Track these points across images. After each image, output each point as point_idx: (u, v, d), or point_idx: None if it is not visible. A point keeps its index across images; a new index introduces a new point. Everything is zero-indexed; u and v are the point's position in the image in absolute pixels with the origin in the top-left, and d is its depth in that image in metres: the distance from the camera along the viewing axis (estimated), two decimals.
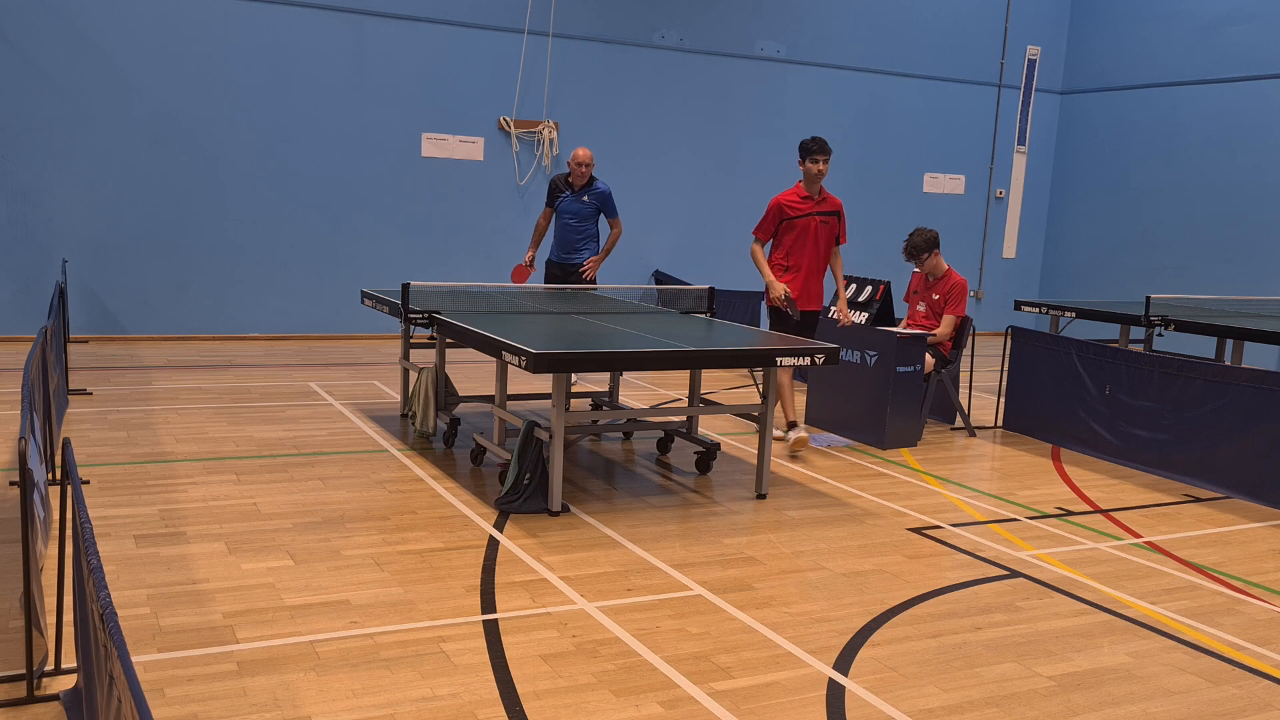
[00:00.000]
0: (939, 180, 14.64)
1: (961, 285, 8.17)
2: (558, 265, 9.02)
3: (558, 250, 8.99)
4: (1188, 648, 4.41)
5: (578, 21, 12.20)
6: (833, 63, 13.65)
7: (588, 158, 8.69)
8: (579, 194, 8.78)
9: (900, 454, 7.60)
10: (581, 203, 8.79)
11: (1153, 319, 9.00)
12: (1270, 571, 5.44)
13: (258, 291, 11.20)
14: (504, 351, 5.68)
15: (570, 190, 8.81)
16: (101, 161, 10.45)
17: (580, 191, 8.79)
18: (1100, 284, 14.35)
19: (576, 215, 8.81)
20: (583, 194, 8.79)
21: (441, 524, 5.48)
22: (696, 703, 3.70)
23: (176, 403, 7.97)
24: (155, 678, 3.64)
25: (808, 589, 4.85)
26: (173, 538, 5.05)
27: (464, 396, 7.55)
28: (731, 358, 6.25)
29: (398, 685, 3.71)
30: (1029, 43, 14.84)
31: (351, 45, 11.26)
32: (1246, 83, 12.84)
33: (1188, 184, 13.49)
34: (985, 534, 5.81)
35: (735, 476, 6.74)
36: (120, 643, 2.13)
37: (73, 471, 3.27)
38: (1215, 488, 6.94)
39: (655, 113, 12.74)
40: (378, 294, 7.71)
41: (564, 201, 8.83)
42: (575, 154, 8.71)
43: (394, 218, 11.66)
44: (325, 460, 6.58)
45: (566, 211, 8.82)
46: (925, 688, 3.91)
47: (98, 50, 10.31)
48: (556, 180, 8.96)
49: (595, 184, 8.82)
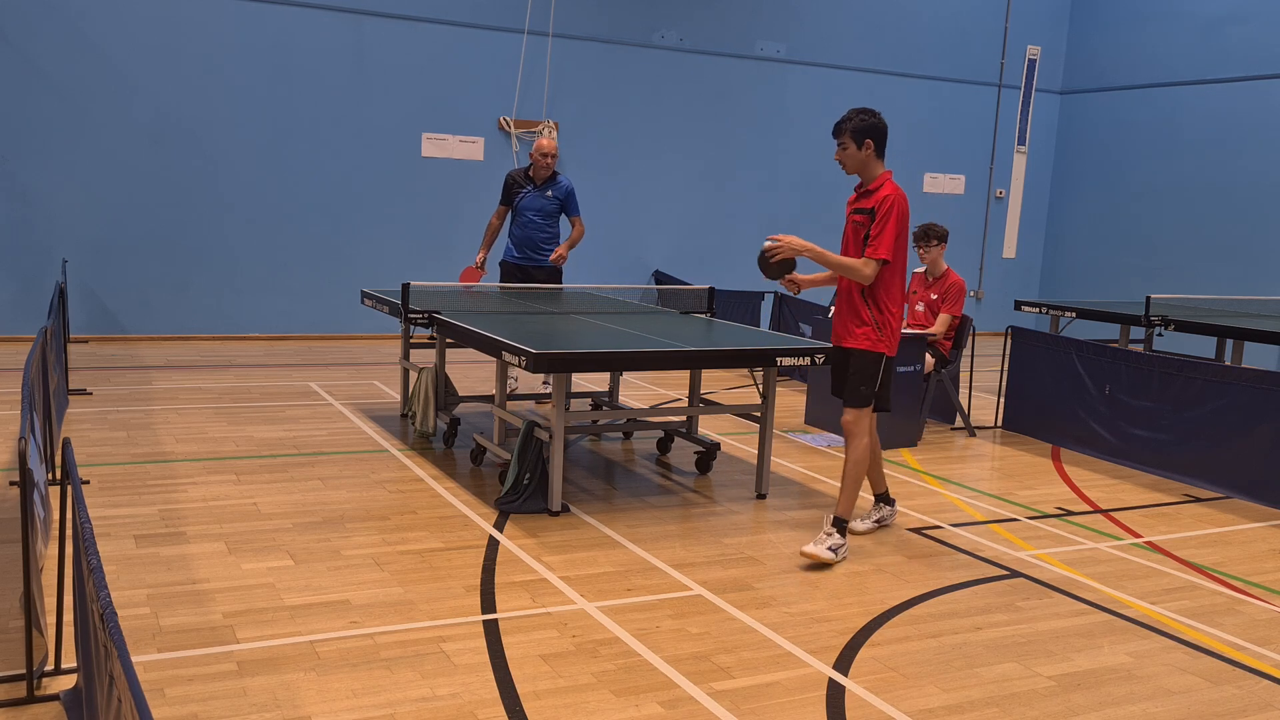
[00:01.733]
0: (939, 180, 14.64)
1: (960, 285, 8.17)
2: (517, 266, 8.33)
3: (517, 250, 8.31)
4: (1188, 648, 4.41)
5: (578, 21, 12.20)
6: (833, 63, 13.65)
7: (552, 148, 8.10)
8: (542, 189, 8.22)
9: (900, 454, 7.59)
10: (545, 198, 8.20)
11: (1153, 319, 9.00)
12: (1270, 571, 5.44)
13: (258, 291, 11.20)
14: (504, 351, 5.68)
15: (531, 185, 8.22)
16: (101, 161, 10.45)
17: (543, 186, 8.21)
18: (1100, 284, 14.35)
19: (540, 212, 8.21)
20: (546, 189, 8.20)
21: (441, 524, 5.48)
22: (696, 703, 3.70)
23: (176, 403, 7.97)
24: (155, 678, 3.64)
25: (808, 589, 4.85)
26: (173, 538, 5.05)
27: (464, 396, 7.54)
28: (731, 358, 6.24)
29: (398, 685, 3.71)
30: (1029, 43, 14.84)
31: (351, 45, 11.26)
32: (1246, 83, 12.84)
33: (1188, 184, 13.49)
34: (985, 534, 5.81)
35: (735, 476, 6.74)
36: (120, 643, 2.13)
37: (73, 471, 3.27)
38: (1215, 488, 6.94)
39: (655, 113, 12.74)
40: (378, 294, 7.71)
41: (524, 198, 8.21)
42: (539, 144, 8.08)
43: (394, 218, 11.66)
44: (325, 460, 6.58)
45: (529, 209, 8.19)
46: (925, 688, 3.91)
47: (98, 50, 10.30)
48: (514, 174, 8.31)
49: (558, 178, 8.25)
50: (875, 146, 5.19)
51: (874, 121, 5.17)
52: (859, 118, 5.15)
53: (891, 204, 5.09)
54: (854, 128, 5.14)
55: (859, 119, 5.15)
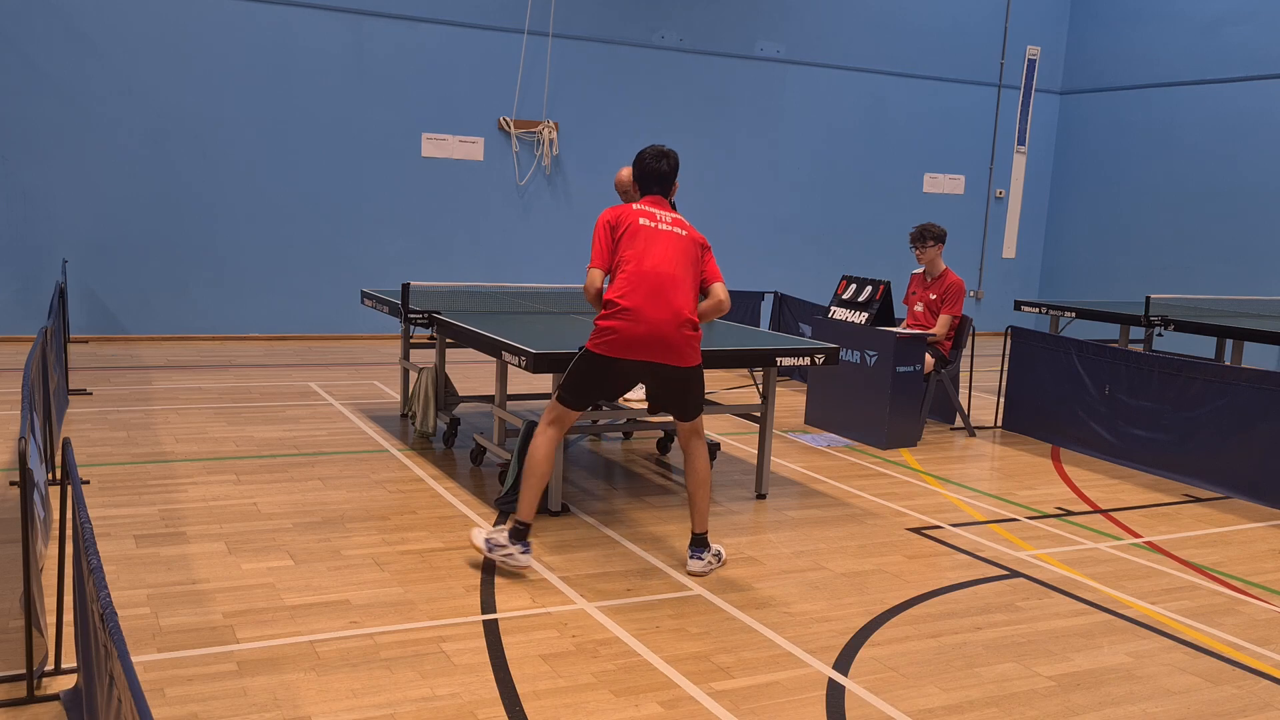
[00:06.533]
0: (939, 180, 14.64)
1: (958, 285, 8.17)
2: None
3: None
4: (1187, 648, 4.41)
5: (578, 21, 12.20)
6: (832, 63, 13.65)
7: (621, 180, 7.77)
8: None
9: (900, 454, 7.60)
10: None
11: (1153, 319, 9.00)
12: (1270, 571, 5.44)
13: (258, 291, 11.20)
14: (504, 351, 5.68)
15: None
16: (101, 161, 10.45)
17: None
18: (1100, 284, 14.35)
19: None
20: None
21: (441, 524, 5.48)
22: (696, 703, 3.70)
23: (176, 403, 7.97)
24: (155, 678, 3.64)
25: (808, 589, 4.85)
26: (173, 538, 5.05)
27: (464, 396, 7.54)
28: (731, 358, 6.24)
29: (398, 685, 3.71)
30: (1029, 43, 14.84)
31: (351, 45, 11.26)
32: (1245, 83, 12.84)
33: (1187, 184, 13.49)
34: (985, 534, 5.81)
35: (735, 476, 6.74)
36: (120, 643, 2.13)
37: (73, 471, 3.27)
38: (1215, 488, 6.94)
39: (655, 113, 12.74)
40: (378, 294, 7.71)
41: None
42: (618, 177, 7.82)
43: (394, 218, 11.66)
44: (325, 460, 6.58)
45: None
46: (925, 688, 3.91)
47: (98, 50, 10.31)
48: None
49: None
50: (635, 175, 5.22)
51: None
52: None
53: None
54: None
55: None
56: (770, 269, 13.15)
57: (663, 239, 4.91)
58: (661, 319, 4.75)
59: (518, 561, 4.77)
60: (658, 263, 4.83)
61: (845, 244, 14.01)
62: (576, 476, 6.53)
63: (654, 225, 4.95)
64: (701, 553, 4.95)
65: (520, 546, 4.77)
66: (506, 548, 4.76)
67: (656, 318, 4.75)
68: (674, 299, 4.79)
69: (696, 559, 4.94)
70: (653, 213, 5.01)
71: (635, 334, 4.75)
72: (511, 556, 4.77)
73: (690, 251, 4.95)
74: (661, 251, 4.86)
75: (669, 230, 4.95)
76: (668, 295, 4.78)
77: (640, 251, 4.85)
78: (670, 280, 4.81)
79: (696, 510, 4.97)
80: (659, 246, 4.88)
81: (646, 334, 4.75)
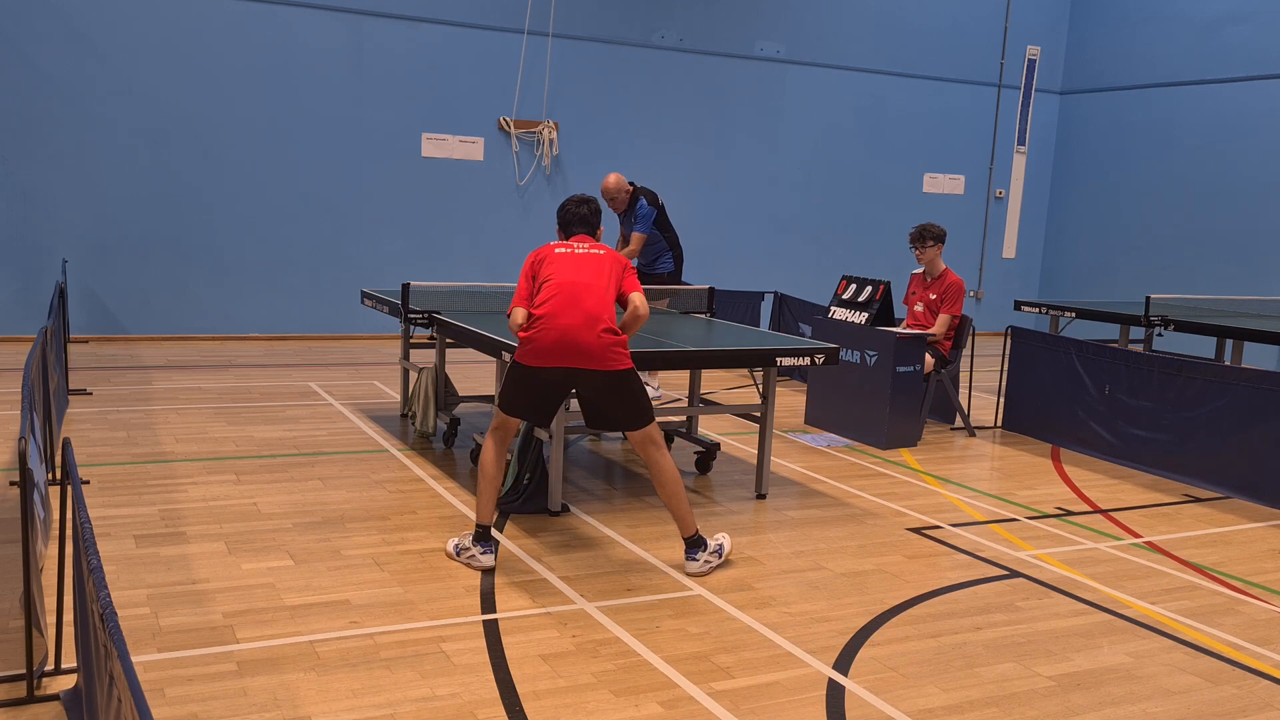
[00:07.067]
0: (939, 180, 14.64)
1: (958, 285, 8.17)
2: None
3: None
4: (1187, 648, 4.41)
5: (578, 21, 12.20)
6: (832, 63, 13.65)
7: (612, 186, 8.45)
8: (626, 218, 8.63)
9: (900, 454, 7.60)
10: (631, 225, 8.65)
11: (1153, 319, 9.00)
12: (1270, 571, 5.44)
13: (258, 291, 11.20)
14: (504, 351, 5.68)
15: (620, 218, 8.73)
16: (101, 161, 10.45)
17: (626, 215, 8.62)
18: (1100, 284, 14.35)
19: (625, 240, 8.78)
20: (630, 217, 8.60)
21: (441, 524, 5.48)
22: (696, 703, 3.70)
23: (176, 403, 7.97)
24: (155, 678, 3.64)
25: (808, 589, 4.85)
26: (173, 538, 5.05)
27: (464, 396, 7.55)
28: (731, 358, 6.25)
29: (398, 685, 3.71)
30: (1029, 43, 14.84)
31: (351, 45, 11.26)
32: (1245, 83, 12.84)
33: (1187, 184, 13.49)
34: (985, 534, 5.81)
35: (735, 476, 6.74)
36: (120, 643, 2.13)
37: (73, 471, 3.27)
38: (1215, 488, 6.94)
39: (655, 113, 12.74)
40: (378, 294, 7.71)
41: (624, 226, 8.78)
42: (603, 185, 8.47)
43: (394, 218, 11.66)
44: (325, 460, 6.58)
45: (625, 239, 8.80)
46: (925, 688, 3.91)
47: (98, 50, 10.31)
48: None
49: (639, 203, 8.49)
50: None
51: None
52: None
53: None
54: None
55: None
56: (770, 269, 13.15)
57: (579, 259, 5.07)
58: (573, 324, 4.82)
59: (480, 563, 4.88)
60: (573, 277, 4.96)
61: (845, 244, 14.01)
62: (576, 476, 6.53)
63: (571, 251, 5.12)
64: (697, 554, 4.97)
65: (481, 548, 4.88)
66: (470, 550, 4.90)
67: (568, 323, 4.82)
68: (586, 304, 4.87)
69: (693, 560, 4.96)
70: (571, 244, 5.18)
71: (549, 340, 4.83)
72: (474, 558, 4.88)
73: (607, 265, 5.07)
74: (577, 267, 5.01)
75: (585, 252, 5.11)
76: (581, 302, 4.87)
77: (556, 270, 5.01)
78: (584, 288, 4.91)
79: (678, 517, 5.01)
80: (574, 264, 5.03)
81: (559, 339, 4.81)
